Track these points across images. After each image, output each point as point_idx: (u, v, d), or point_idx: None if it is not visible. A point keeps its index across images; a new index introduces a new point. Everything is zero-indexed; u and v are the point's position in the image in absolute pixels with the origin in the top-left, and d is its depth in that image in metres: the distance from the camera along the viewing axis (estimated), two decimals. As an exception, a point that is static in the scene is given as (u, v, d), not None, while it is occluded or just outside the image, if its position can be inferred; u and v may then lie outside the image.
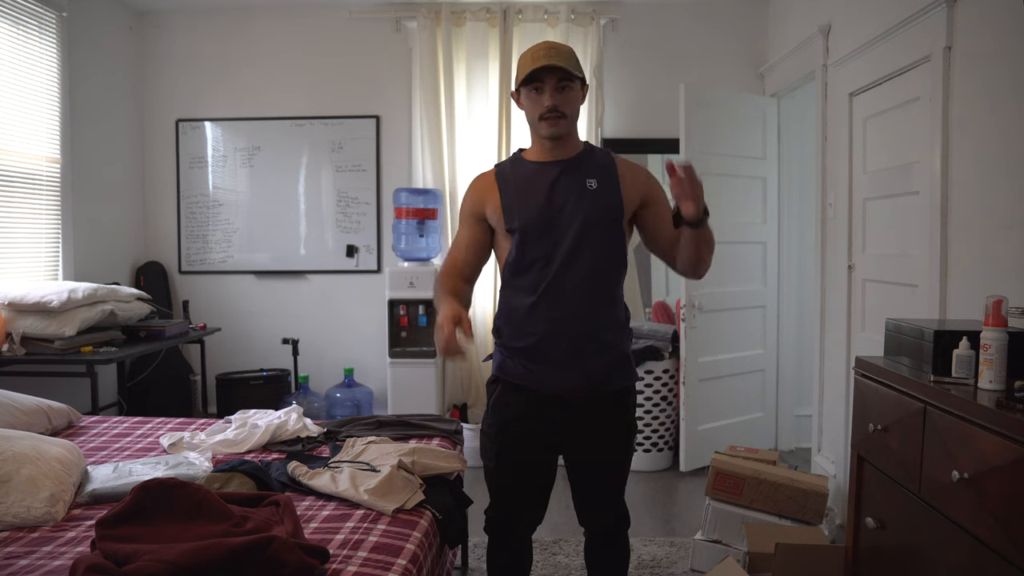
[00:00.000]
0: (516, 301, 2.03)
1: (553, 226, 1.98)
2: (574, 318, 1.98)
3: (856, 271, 3.42)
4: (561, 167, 2.03)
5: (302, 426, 2.90)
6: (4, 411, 2.69)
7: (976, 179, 2.49)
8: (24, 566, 1.75)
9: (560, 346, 1.98)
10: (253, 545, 1.59)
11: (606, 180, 2.02)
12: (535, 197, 2.01)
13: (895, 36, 2.95)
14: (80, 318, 3.61)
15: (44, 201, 4.08)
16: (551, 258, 1.98)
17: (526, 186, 2.03)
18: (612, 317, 2.03)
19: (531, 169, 2.05)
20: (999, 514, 1.55)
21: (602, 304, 2.02)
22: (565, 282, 1.97)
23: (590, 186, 2.00)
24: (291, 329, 4.85)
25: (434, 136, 4.66)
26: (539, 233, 1.99)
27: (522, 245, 2.00)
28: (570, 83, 1.97)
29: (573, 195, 2.00)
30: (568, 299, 1.97)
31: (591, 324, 2.00)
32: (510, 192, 2.04)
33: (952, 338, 1.89)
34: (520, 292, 2.02)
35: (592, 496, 2.15)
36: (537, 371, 2.01)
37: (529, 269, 2.00)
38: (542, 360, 1.99)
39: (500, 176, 2.08)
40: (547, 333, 1.98)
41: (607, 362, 2.02)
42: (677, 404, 4.31)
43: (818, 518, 2.92)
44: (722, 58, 4.70)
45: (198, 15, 4.88)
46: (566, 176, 2.02)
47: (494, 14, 4.61)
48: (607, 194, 2.01)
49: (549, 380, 2.00)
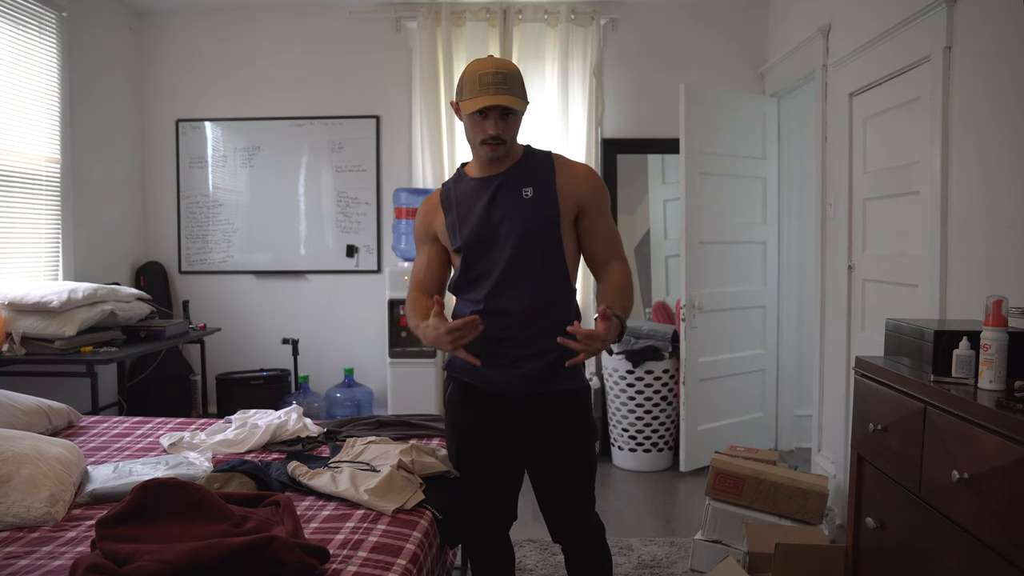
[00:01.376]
0: (462, 309, 2.12)
1: (493, 242, 2.04)
2: (516, 325, 2.03)
3: (856, 271, 3.42)
4: (499, 180, 2.06)
5: (302, 426, 2.90)
6: (4, 411, 2.69)
7: (976, 179, 2.49)
8: (24, 566, 1.75)
9: (501, 351, 2.03)
10: (253, 545, 1.59)
11: (542, 187, 2.05)
12: (475, 215, 2.06)
13: (895, 36, 2.95)
14: (80, 318, 3.61)
15: (44, 201, 4.08)
16: (492, 273, 2.05)
17: (467, 204, 2.09)
18: (555, 320, 2.00)
19: (472, 186, 2.10)
20: (999, 514, 1.55)
21: (544, 310, 2.04)
22: (506, 294, 2.04)
23: (525, 195, 2.04)
24: (291, 329, 4.85)
25: (434, 136, 4.66)
26: (479, 251, 2.05)
27: (465, 263, 2.08)
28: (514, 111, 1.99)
29: (509, 208, 2.04)
30: (509, 309, 2.03)
31: (532, 329, 2.03)
32: (453, 212, 2.10)
33: (952, 338, 1.89)
34: (466, 303, 2.11)
35: (558, 507, 2.13)
36: (483, 372, 2.05)
37: (474, 284, 2.08)
38: (486, 362, 2.00)
39: (444, 196, 2.14)
40: (490, 339, 2.00)
41: (548, 362, 2.03)
42: (677, 404, 4.31)
43: (818, 518, 2.92)
44: (722, 58, 4.71)
45: (198, 15, 4.89)
46: (503, 189, 2.06)
47: (494, 14, 4.61)
48: (542, 202, 2.04)
49: (493, 379, 2.07)
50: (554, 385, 2.06)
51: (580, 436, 2.12)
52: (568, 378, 2.08)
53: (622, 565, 3.01)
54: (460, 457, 2.20)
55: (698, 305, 4.12)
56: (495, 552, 2.27)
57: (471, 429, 2.15)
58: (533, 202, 2.03)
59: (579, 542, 2.16)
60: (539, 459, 2.12)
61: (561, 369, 2.03)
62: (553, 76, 4.63)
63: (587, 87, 4.64)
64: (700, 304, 4.13)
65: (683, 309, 4.10)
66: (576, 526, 2.14)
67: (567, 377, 2.07)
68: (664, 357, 4.29)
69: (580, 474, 2.12)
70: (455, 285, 2.13)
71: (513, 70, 2.00)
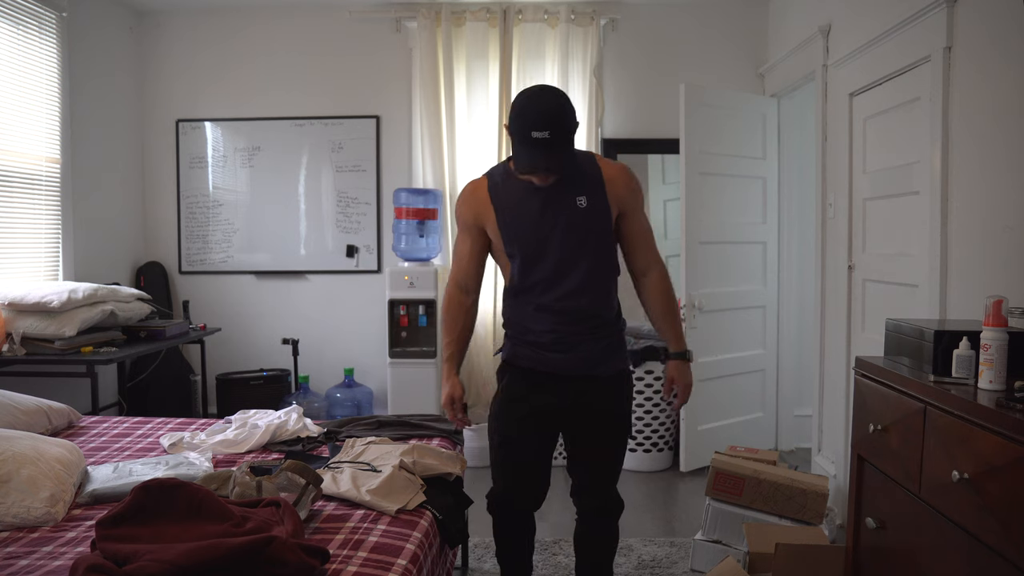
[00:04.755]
0: (521, 309, 2.22)
1: (548, 251, 2.13)
2: (574, 322, 2.16)
3: (856, 271, 3.42)
4: (551, 186, 2.10)
5: (302, 426, 2.90)
6: (4, 411, 2.69)
7: (976, 179, 2.49)
8: (24, 566, 1.75)
9: (562, 341, 2.17)
10: (253, 545, 1.59)
11: (594, 194, 2.13)
12: (529, 223, 2.13)
13: (895, 36, 2.95)
14: (80, 318, 3.61)
15: (44, 201, 4.08)
16: (550, 280, 2.14)
17: (518, 209, 2.14)
18: (607, 314, 2.22)
19: (521, 187, 2.13)
20: (999, 514, 1.55)
21: (598, 306, 2.19)
22: (564, 297, 2.14)
23: (580, 204, 2.11)
24: (291, 329, 4.85)
25: (434, 136, 4.66)
26: (535, 260, 2.14)
27: (523, 271, 2.17)
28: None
29: (564, 217, 2.11)
30: (567, 309, 2.15)
31: (589, 324, 2.18)
32: (504, 214, 2.16)
33: (952, 338, 1.89)
34: (524, 304, 2.20)
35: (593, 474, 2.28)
36: (543, 356, 2.19)
37: (532, 289, 2.17)
38: (546, 350, 2.18)
39: (493, 191, 2.18)
40: (552, 331, 2.16)
41: (603, 347, 2.20)
42: (677, 404, 4.31)
43: (818, 518, 2.92)
44: (722, 58, 4.71)
45: (198, 15, 4.88)
46: (556, 197, 2.12)
47: (494, 14, 4.61)
48: (596, 209, 2.13)
49: (553, 363, 2.19)
50: (605, 368, 2.21)
51: (622, 411, 2.28)
52: (619, 361, 2.25)
53: (622, 565, 3.01)
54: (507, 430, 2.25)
55: (698, 305, 4.12)
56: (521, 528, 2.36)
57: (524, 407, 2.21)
58: (588, 211, 2.12)
59: (600, 511, 2.31)
60: (583, 428, 2.24)
61: (613, 353, 2.22)
62: (553, 76, 4.63)
63: (587, 87, 4.64)
64: (700, 304, 4.13)
65: (683, 309, 4.10)
66: (604, 495, 2.30)
67: (618, 360, 2.25)
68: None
69: (618, 446, 2.28)
70: (513, 288, 2.21)
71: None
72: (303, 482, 2.04)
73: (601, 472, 2.28)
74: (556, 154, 1.99)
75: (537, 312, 2.17)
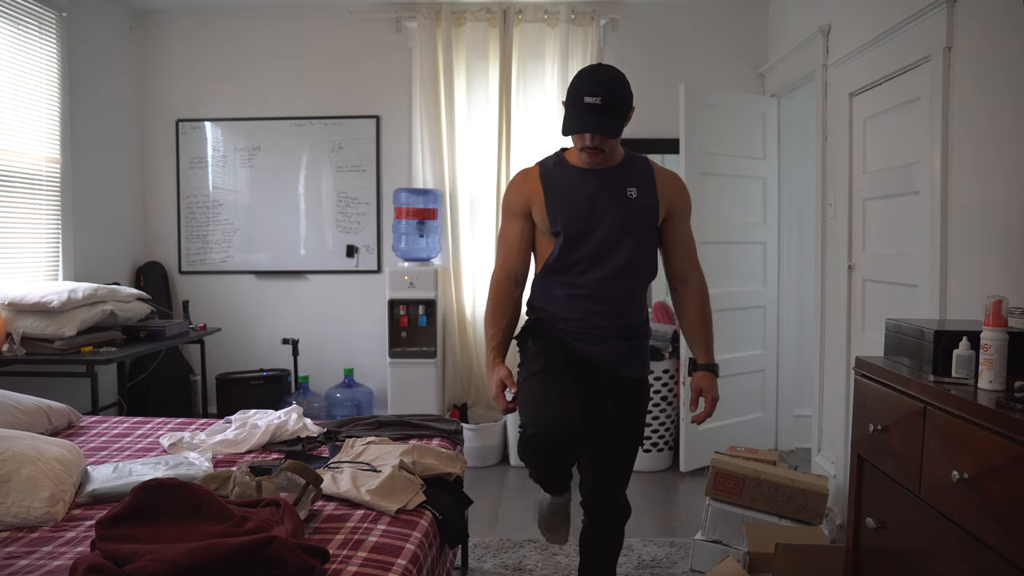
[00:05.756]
0: (554, 291, 2.19)
1: (594, 233, 2.12)
2: (607, 313, 2.15)
3: (856, 271, 3.42)
4: (603, 176, 2.13)
5: (302, 426, 2.90)
6: (4, 411, 2.69)
7: (976, 179, 2.49)
8: (24, 566, 1.75)
9: (589, 332, 2.16)
10: (253, 545, 1.59)
11: (645, 189, 2.15)
12: (578, 204, 2.12)
13: (895, 36, 2.95)
14: (80, 318, 3.61)
15: (44, 201, 4.08)
16: (590, 262, 2.13)
17: (569, 191, 2.13)
18: (635, 312, 2.22)
19: (574, 174, 2.15)
20: (999, 514, 1.55)
21: (629, 301, 2.19)
22: (601, 283, 2.13)
23: (630, 195, 2.13)
24: (291, 329, 4.85)
25: (434, 136, 4.66)
26: (581, 239, 2.12)
27: (565, 248, 2.13)
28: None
29: (614, 204, 2.12)
30: (602, 297, 2.14)
31: (620, 320, 2.18)
32: (553, 195, 2.14)
33: (952, 338, 1.89)
34: (558, 285, 2.17)
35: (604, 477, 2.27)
36: (571, 344, 2.18)
37: (570, 270, 2.15)
38: (573, 338, 2.17)
39: (544, 176, 2.18)
40: (580, 319, 2.16)
41: (628, 347, 2.19)
42: (677, 404, 4.31)
43: (818, 518, 2.92)
44: (722, 58, 4.71)
45: (198, 15, 4.88)
46: (608, 184, 2.13)
47: (494, 14, 4.61)
48: (645, 202, 2.14)
49: (579, 352, 2.17)
50: (628, 370, 2.21)
51: (638, 417, 2.28)
52: (641, 367, 2.26)
53: (622, 565, 3.01)
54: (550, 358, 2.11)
55: (698, 305, 4.12)
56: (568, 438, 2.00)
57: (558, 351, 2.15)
58: (637, 202, 2.13)
59: (608, 517, 2.31)
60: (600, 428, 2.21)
61: (636, 357, 2.22)
62: (553, 76, 4.63)
63: (587, 87, 4.63)
64: (700, 304, 4.13)
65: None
66: (613, 499, 2.30)
67: (641, 366, 2.26)
68: (664, 357, 4.30)
69: (631, 451, 2.28)
70: (549, 267, 2.17)
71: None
72: (303, 482, 2.04)
73: (612, 476, 2.28)
74: (605, 118, 1.98)
75: (568, 299, 2.15)
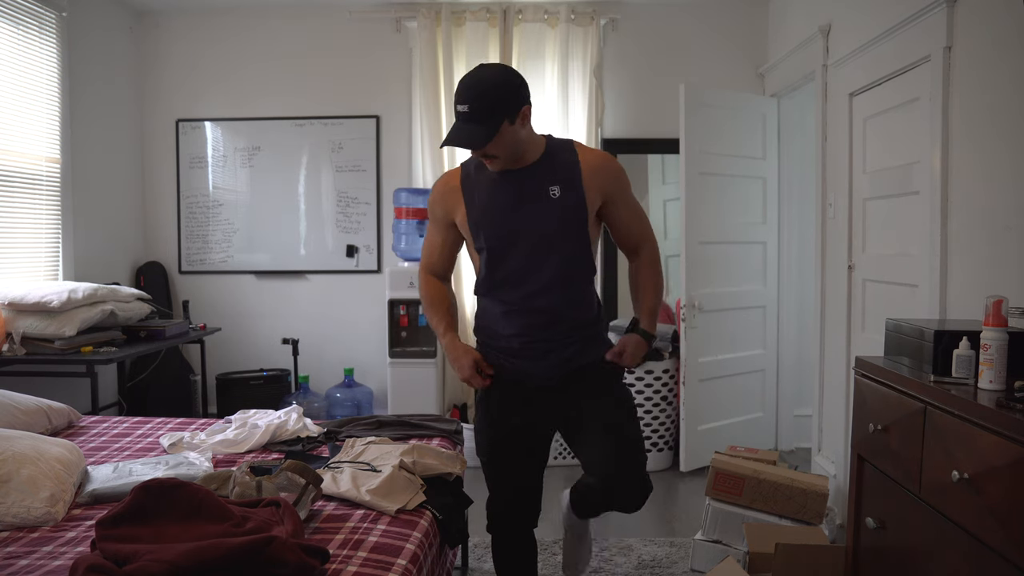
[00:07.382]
0: (490, 309, 2.12)
1: (517, 244, 2.02)
2: (545, 325, 2.05)
3: (856, 271, 3.42)
4: (522, 176, 2.02)
5: (302, 426, 2.90)
6: (4, 411, 2.69)
7: (976, 179, 2.49)
8: (24, 566, 1.75)
9: (531, 346, 2.07)
10: (253, 545, 1.59)
11: (568, 185, 2.01)
12: (499, 215, 2.02)
13: (895, 36, 2.95)
14: (80, 318, 3.61)
15: (44, 201, 4.08)
16: (520, 276, 2.04)
17: (490, 200, 2.04)
18: (581, 314, 2.09)
19: (493, 179, 2.04)
20: (999, 514, 1.55)
21: (571, 306, 2.07)
22: (534, 296, 2.03)
23: (553, 195, 2.00)
24: (291, 329, 4.85)
25: (434, 136, 4.66)
26: (503, 254, 2.03)
27: (490, 265, 2.05)
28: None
29: (536, 208, 2.00)
30: (538, 309, 2.04)
31: (563, 327, 2.07)
32: (475, 206, 2.05)
33: (952, 338, 1.89)
34: (494, 302, 2.10)
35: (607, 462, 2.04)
36: (514, 363, 2.09)
37: (500, 287, 2.07)
38: (517, 356, 2.09)
39: (465, 183, 2.09)
40: (520, 335, 2.07)
41: (575, 350, 2.08)
42: (677, 404, 4.31)
43: (818, 518, 2.92)
44: (722, 58, 4.71)
45: (198, 15, 4.88)
46: (528, 187, 2.01)
47: (494, 14, 4.61)
48: (570, 200, 2.01)
49: (525, 371, 2.09)
50: (582, 361, 2.09)
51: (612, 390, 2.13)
52: (594, 351, 2.10)
53: (622, 565, 3.01)
54: (493, 447, 2.16)
55: (698, 305, 4.12)
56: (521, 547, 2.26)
57: (507, 420, 2.12)
58: (560, 202, 2.00)
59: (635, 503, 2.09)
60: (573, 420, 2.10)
61: (586, 347, 2.09)
62: (553, 76, 4.63)
63: (587, 87, 4.64)
64: (700, 304, 4.13)
65: (683, 309, 4.10)
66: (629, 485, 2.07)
67: (593, 351, 2.10)
68: (664, 357, 4.30)
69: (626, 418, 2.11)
70: (480, 285, 2.11)
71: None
72: (303, 482, 2.04)
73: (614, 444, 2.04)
74: (474, 127, 1.88)
75: (506, 315, 2.06)
